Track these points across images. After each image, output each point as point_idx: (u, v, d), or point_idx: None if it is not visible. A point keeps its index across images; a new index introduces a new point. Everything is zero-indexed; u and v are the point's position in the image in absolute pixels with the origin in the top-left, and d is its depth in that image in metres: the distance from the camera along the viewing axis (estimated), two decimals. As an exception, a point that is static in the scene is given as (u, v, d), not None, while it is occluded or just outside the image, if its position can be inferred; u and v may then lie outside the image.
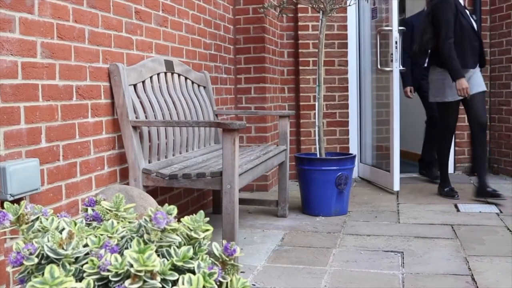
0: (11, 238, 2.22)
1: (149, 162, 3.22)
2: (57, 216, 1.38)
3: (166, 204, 1.34)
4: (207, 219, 1.28)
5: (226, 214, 2.93)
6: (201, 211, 1.28)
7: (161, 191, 3.63)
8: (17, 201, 2.28)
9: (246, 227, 3.95)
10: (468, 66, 4.66)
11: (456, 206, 4.52)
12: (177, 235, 1.24)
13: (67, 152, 2.68)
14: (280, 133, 4.28)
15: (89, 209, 1.37)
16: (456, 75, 4.50)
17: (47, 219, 1.30)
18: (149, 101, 3.30)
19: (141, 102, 3.21)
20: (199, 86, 4.13)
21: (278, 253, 3.32)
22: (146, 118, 3.22)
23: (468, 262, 3.07)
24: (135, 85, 3.19)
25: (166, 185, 3.05)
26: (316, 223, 4.06)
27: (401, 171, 5.30)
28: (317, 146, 4.44)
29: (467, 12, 4.80)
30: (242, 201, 4.31)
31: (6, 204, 1.26)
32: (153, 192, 3.49)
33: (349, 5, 4.64)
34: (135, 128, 3.05)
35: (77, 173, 2.77)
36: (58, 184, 2.61)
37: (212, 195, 4.44)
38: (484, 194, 4.68)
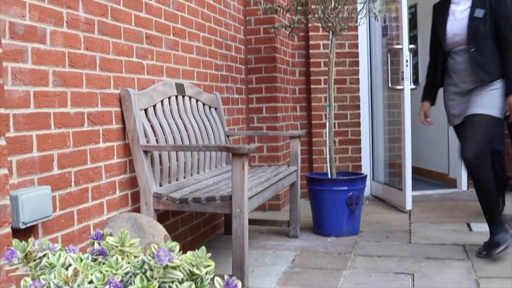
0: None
1: (160, 185, 3.26)
2: (65, 250, 1.41)
3: (169, 241, 1.37)
4: (209, 254, 1.31)
5: (236, 237, 2.95)
6: (203, 247, 1.31)
7: (173, 213, 3.67)
8: (29, 228, 2.33)
9: (257, 248, 3.97)
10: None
11: (468, 225, 4.50)
12: (180, 271, 1.27)
13: (79, 178, 2.72)
14: (291, 154, 4.30)
15: (96, 243, 1.40)
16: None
17: (54, 255, 1.33)
18: (160, 125, 3.34)
19: (152, 126, 3.26)
20: (210, 107, 4.18)
21: (289, 275, 3.33)
22: (157, 142, 3.26)
23: (479, 284, 3.06)
24: (146, 110, 3.24)
25: (177, 209, 3.09)
26: (327, 243, 4.07)
27: (414, 189, 5.30)
28: (328, 166, 4.45)
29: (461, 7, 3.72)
30: (254, 222, 4.34)
31: (14, 242, 1.30)
32: (165, 214, 3.53)
33: (359, 25, 4.68)
34: (146, 152, 3.09)
35: (89, 198, 2.81)
36: (70, 210, 2.65)
37: (224, 215, 4.46)
38: (491, 251, 3.52)
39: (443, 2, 3.82)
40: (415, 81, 7.24)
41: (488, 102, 3.53)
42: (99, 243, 1.40)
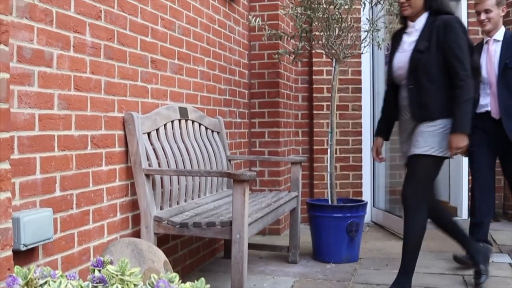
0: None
1: (161, 209, 3.27)
2: (66, 277, 1.42)
3: (169, 272, 1.38)
4: (208, 286, 1.32)
5: (235, 263, 2.96)
6: (202, 279, 1.32)
7: (173, 237, 3.67)
8: (30, 250, 2.34)
9: (256, 273, 3.97)
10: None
11: (468, 255, 4.49)
12: (179, 301, 1.28)
13: (81, 200, 2.74)
14: (292, 179, 4.32)
15: (96, 270, 1.42)
16: None
17: (55, 282, 1.34)
18: (163, 148, 3.36)
19: (154, 150, 3.28)
20: (213, 131, 4.20)
21: (287, 302, 3.33)
22: (159, 165, 3.28)
23: (477, 316, 3.06)
24: (149, 133, 3.26)
25: (177, 233, 3.10)
26: (327, 270, 4.07)
27: (414, 217, 5.28)
28: (329, 192, 4.46)
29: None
30: (253, 246, 4.34)
31: (16, 269, 1.31)
32: (165, 237, 3.53)
33: (363, 53, 4.72)
34: (147, 176, 3.11)
35: (90, 221, 2.82)
36: (70, 232, 2.66)
37: (224, 239, 4.46)
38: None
39: (399, 31, 3.57)
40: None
41: (429, 141, 3.26)
42: (99, 271, 1.41)
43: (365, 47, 4.59)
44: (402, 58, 3.38)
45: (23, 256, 2.32)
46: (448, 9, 3.38)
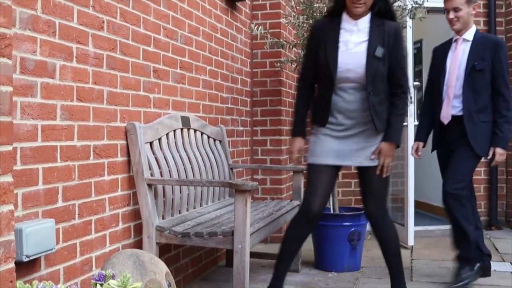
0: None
1: (163, 218, 3.28)
2: (67, 290, 1.43)
3: (171, 284, 1.38)
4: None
5: (237, 273, 2.96)
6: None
7: (175, 245, 3.67)
8: (32, 261, 2.35)
9: (258, 282, 3.97)
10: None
11: (470, 263, 4.48)
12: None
13: (83, 210, 2.75)
14: (293, 188, 4.32)
15: (98, 284, 1.42)
16: None
17: (57, 296, 1.35)
18: (165, 158, 3.37)
19: (156, 159, 3.29)
20: (215, 140, 4.21)
21: (289, 312, 3.33)
22: (161, 175, 3.29)
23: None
24: (151, 143, 3.27)
25: (179, 242, 3.10)
26: (328, 279, 4.06)
27: (416, 223, 5.30)
28: (331, 201, 4.46)
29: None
30: (255, 255, 4.34)
31: (18, 284, 1.32)
32: (167, 246, 3.53)
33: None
34: (150, 185, 3.12)
35: (92, 231, 2.83)
36: (72, 242, 2.67)
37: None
38: None
39: (330, 22, 3.24)
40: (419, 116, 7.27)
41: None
42: (101, 285, 1.42)
43: (367, 55, 4.59)
44: (352, 59, 3.12)
45: (25, 267, 2.32)
46: (395, 14, 3.30)
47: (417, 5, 4.54)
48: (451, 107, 3.82)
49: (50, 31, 2.49)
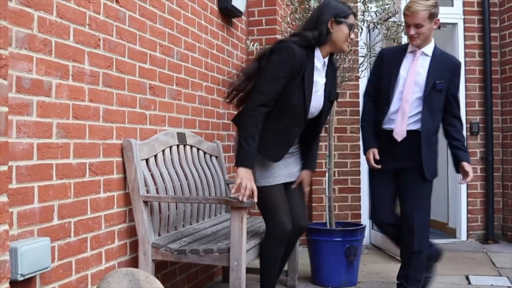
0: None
1: (159, 235, 3.28)
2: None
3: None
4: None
5: (233, 291, 2.96)
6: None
7: (171, 262, 3.67)
8: (27, 280, 2.35)
9: (254, 298, 3.96)
10: None
11: (467, 278, 4.49)
12: None
13: (78, 228, 2.75)
14: (290, 203, 4.31)
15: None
16: None
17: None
18: (161, 174, 3.37)
19: (152, 176, 3.29)
20: (211, 156, 4.22)
21: (285, 329, 3.32)
22: (157, 191, 3.29)
23: None
24: (147, 159, 3.27)
25: (175, 259, 3.10)
26: (325, 295, 4.06)
27: (413, 239, 5.28)
28: (327, 216, 4.47)
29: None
30: (251, 270, 4.31)
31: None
32: (163, 262, 3.53)
33: (360, 77, 4.75)
34: (145, 202, 3.12)
35: (88, 248, 2.83)
36: (68, 260, 2.67)
37: (222, 263, 4.46)
38: None
39: (308, 56, 3.14)
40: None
41: None
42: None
43: (362, 71, 4.62)
44: (316, 102, 3.22)
45: (20, 285, 2.32)
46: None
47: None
48: (406, 124, 3.59)
49: (46, 50, 2.51)
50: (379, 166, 3.65)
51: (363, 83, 5.83)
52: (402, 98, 3.60)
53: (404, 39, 4.82)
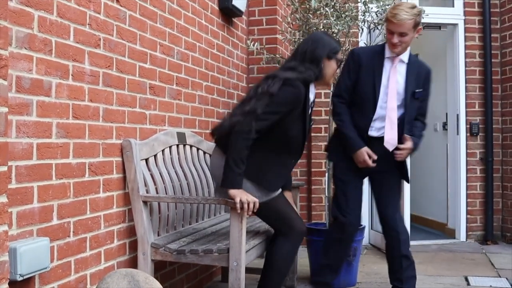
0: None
1: (158, 234, 3.27)
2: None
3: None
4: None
5: (232, 291, 2.96)
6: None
7: (170, 261, 3.66)
8: (26, 280, 2.34)
9: (253, 298, 3.95)
10: None
11: (466, 279, 4.49)
12: None
13: (78, 228, 2.75)
14: (289, 203, 4.31)
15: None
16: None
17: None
18: (160, 174, 3.37)
19: (152, 176, 3.29)
20: (211, 156, 4.20)
21: (284, 329, 3.32)
22: (157, 191, 3.29)
23: None
24: (147, 159, 3.27)
25: (174, 260, 3.10)
26: (324, 295, 4.05)
27: (412, 238, 5.27)
28: (327, 217, 4.46)
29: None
30: (251, 270, 4.31)
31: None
32: (162, 262, 3.53)
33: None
34: (145, 202, 3.12)
35: (87, 248, 2.83)
36: (67, 260, 2.67)
37: (221, 263, 4.45)
38: None
39: (305, 91, 3.22)
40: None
41: None
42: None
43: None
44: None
45: (19, 286, 2.32)
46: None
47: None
48: (395, 132, 3.59)
49: (46, 50, 2.50)
50: (375, 164, 3.61)
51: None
52: (387, 107, 3.59)
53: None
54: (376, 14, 4.63)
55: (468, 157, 6.23)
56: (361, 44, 5.09)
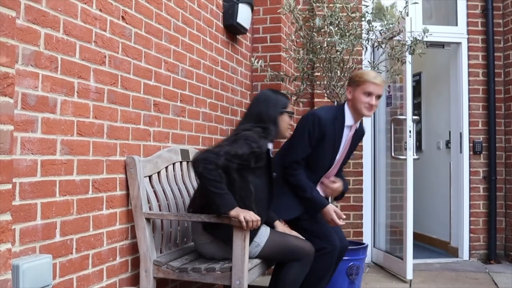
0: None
1: (161, 252, 3.26)
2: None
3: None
4: None
5: (235, 309, 2.94)
6: None
7: (172, 279, 3.65)
8: (28, 297, 2.33)
9: (255, 316, 3.93)
10: None
11: (469, 299, 4.46)
12: None
13: (80, 245, 2.74)
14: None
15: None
16: None
17: None
18: (164, 191, 3.37)
19: (155, 193, 3.28)
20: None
21: None
22: (160, 208, 3.28)
23: None
24: (150, 176, 3.27)
25: (176, 277, 3.09)
26: (326, 314, 4.02)
27: (415, 256, 5.26)
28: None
29: None
30: (253, 288, 4.31)
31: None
32: (165, 279, 3.51)
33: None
34: (148, 219, 3.11)
35: (89, 265, 2.82)
36: (69, 277, 2.66)
37: (223, 280, 4.43)
38: None
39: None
40: (418, 148, 7.30)
41: None
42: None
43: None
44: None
45: (22, 303, 2.31)
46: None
47: (416, 41, 4.57)
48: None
49: (52, 67, 2.51)
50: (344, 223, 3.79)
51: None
52: (330, 169, 3.79)
53: (409, 59, 4.83)
54: (380, 33, 4.64)
55: (471, 176, 6.22)
56: (365, 63, 5.09)
